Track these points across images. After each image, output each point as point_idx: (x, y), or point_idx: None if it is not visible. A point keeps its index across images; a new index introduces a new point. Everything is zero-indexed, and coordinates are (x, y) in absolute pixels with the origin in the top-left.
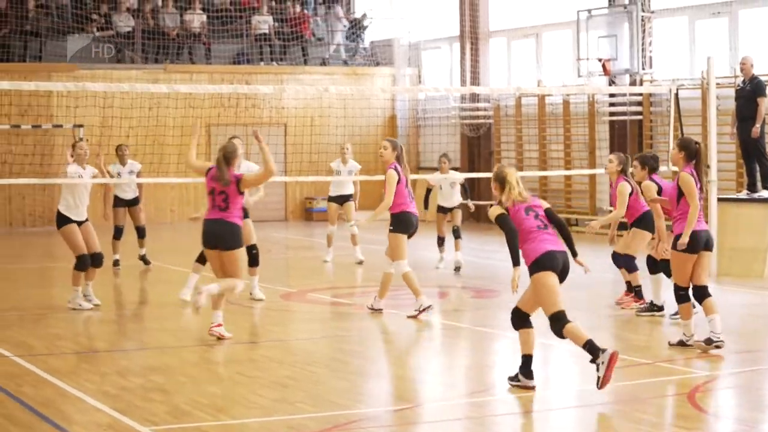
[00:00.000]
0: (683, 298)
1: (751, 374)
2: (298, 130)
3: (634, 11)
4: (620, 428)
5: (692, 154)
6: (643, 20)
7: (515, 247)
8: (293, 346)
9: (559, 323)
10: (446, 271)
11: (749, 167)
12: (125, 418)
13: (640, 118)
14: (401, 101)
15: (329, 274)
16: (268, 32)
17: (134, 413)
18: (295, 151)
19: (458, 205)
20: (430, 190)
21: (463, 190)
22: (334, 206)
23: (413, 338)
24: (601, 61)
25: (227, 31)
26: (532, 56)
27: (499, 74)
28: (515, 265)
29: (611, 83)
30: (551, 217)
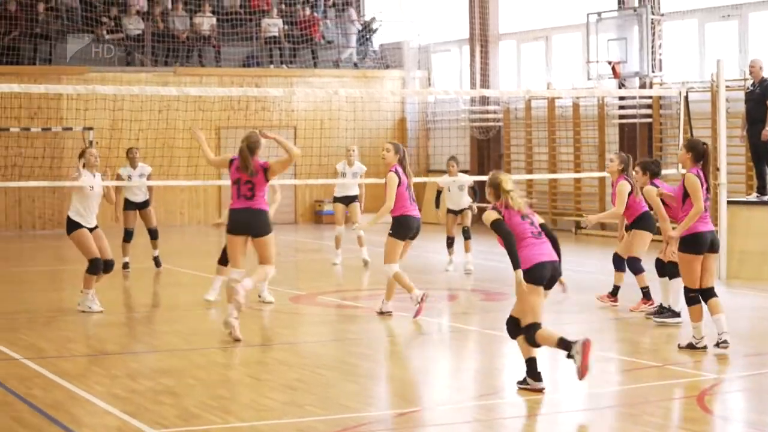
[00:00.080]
0: (693, 300)
1: (760, 377)
2: (307, 132)
3: (643, 14)
4: (629, 431)
5: (699, 155)
6: (652, 23)
7: (514, 250)
8: (302, 348)
9: (532, 331)
10: (455, 273)
11: (759, 170)
12: (135, 420)
13: (649, 120)
14: (411, 104)
15: (338, 276)
16: (277, 35)
17: (144, 416)
18: (304, 153)
19: (467, 206)
20: (440, 191)
21: (472, 192)
22: (340, 207)
23: (422, 341)
24: (610, 63)
25: (237, 33)
26: (541, 59)
27: (508, 77)
28: (516, 268)
29: (621, 86)
30: (546, 231)
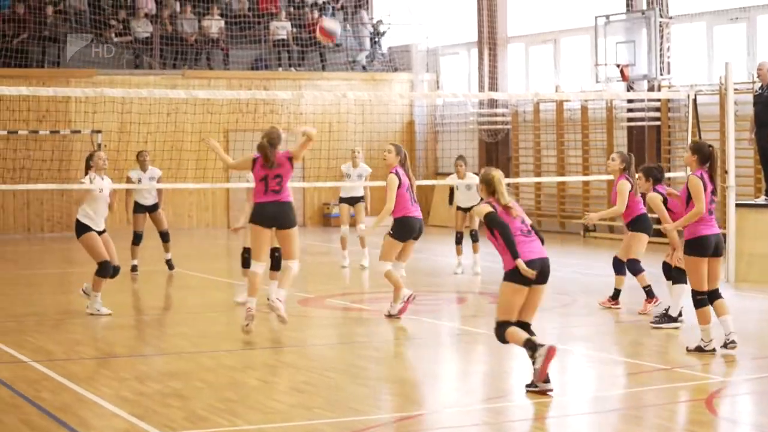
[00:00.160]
0: (701, 302)
1: None
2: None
3: (652, 17)
4: None
5: (705, 157)
6: (661, 26)
7: (511, 239)
8: (311, 351)
9: (502, 329)
10: (464, 276)
11: (767, 173)
12: (142, 423)
13: (658, 123)
14: (419, 107)
15: (347, 279)
16: (286, 38)
17: (152, 419)
18: (313, 156)
19: (477, 203)
20: (453, 189)
21: None
22: (345, 207)
23: (431, 344)
24: (619, 66)
25: (245, 36)
26: (550, 62)
27: (517, 80)
28: (515, 258)
29: (629, 89)
30: (535, 230)
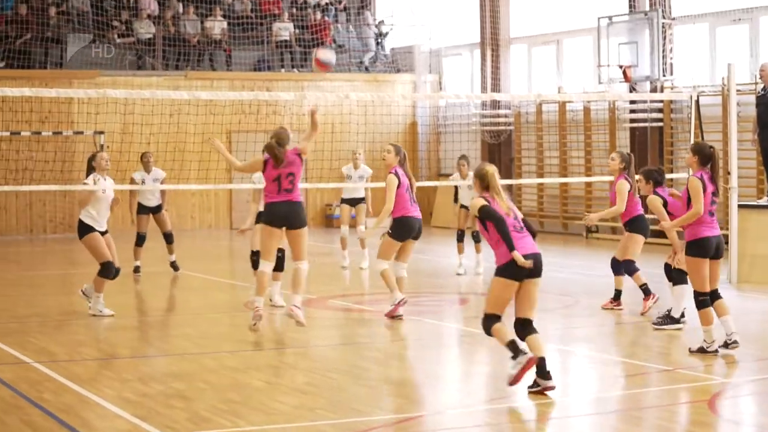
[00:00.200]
0: (703, 303)
1: None
2: (318, 136)
3: (654, 18)
4: None
5: (706, 158)
6: (663, 27)
7: (507, 231)
8: (313, 352)
9: (489, 322)
10: (466, 277)
11: None
12: (145, 424)
13: (660, 124)
14: (422, 108)
15: (349, 280)
16: (288, 39)
17: (154, 420)
18: (315, 158)
19: None
20: (457, 187)
21: None
22: (346, 208)
23: (433, 345)
24: (621, 67)
25: (248, 37)
26: (552, 63)
27: (519, 81)
28: (511, 250)
29: (632, 90)
30: (527, 225)
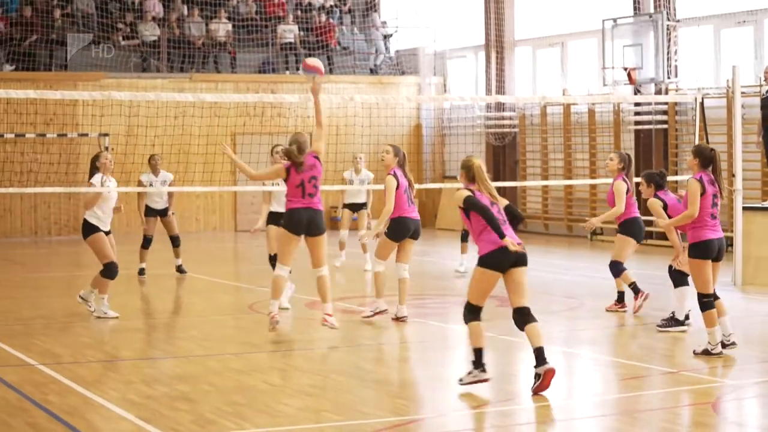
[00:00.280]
0: (707, 305)
1: None
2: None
3: (659, 20)
4: None
5: (707, 160)
6: (668, 29)
7: (494, 219)
8: (318, 354)
9: (470, 313)
10: (468, 278)
11: None
12: (150, 426)
13: (665, 126)
14: (426, 110)
15: (353, 282)
16: (293, 41)
17: (159, 422)
18: None
19: None
20: None
21: None
22: (347, 213)
23: (438, 347)
24: (626, 69)
25: (253, 40)
26: (557, 65)
27: (524, 83)
28: (502, 237)
29: (636, 92)
30: (510, 211)
